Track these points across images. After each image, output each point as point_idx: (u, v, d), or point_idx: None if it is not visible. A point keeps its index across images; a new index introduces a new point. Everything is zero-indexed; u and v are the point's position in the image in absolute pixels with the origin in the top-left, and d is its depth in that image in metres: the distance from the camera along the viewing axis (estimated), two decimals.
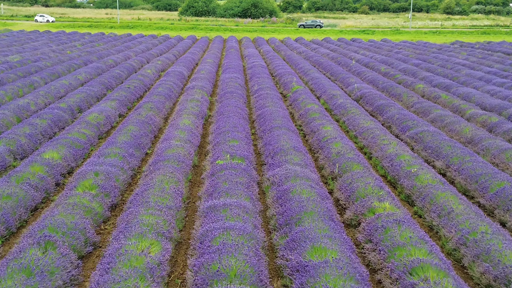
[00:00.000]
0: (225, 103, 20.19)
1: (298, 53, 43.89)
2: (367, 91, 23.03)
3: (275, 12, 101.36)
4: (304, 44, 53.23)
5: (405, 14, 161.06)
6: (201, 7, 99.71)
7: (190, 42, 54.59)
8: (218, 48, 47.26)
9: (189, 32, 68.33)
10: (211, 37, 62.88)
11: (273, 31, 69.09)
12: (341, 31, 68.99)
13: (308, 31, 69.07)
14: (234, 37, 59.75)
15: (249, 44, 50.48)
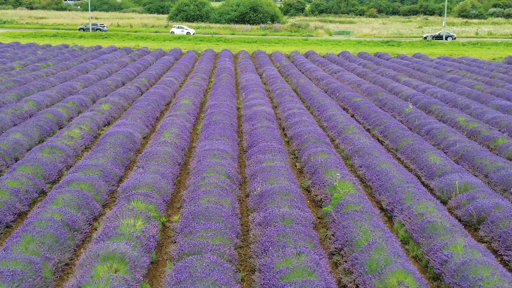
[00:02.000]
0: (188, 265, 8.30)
1: (316, 81, 31.77)
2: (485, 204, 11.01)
3: (277, 17, 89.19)
4: (318, 62, 41.11)
5: (417, 17, 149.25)
6: (193, 11, 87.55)
7: (172, 59, 42.45)
8: (206, 71, 35.23)
9: (175, 43, 56.17)
10: (201, 50, 50.77)
11: (276, 41, 56.95)
12: (359, 42, 56.85)
13: (319, 42, 56.87)
14: (229, 51, 47.65)
15: (247, 63, 38.39)
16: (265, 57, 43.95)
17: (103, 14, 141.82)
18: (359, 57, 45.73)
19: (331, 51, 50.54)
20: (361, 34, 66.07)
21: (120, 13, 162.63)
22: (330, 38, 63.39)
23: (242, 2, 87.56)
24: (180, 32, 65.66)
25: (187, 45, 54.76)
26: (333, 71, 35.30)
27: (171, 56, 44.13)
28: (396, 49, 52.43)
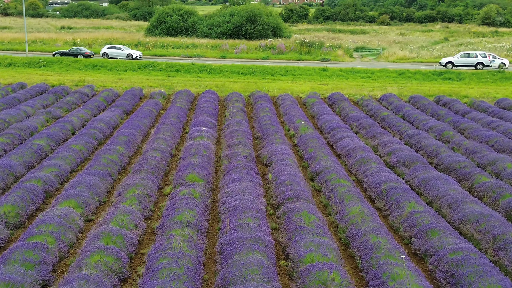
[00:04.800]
0: None
1: (397, 224, 15.26)
2: None
3: (280, 29, 72.66)
4: (357, 122, 24.63)
5: (435, 25, 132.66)
6: (176, 22, 70.88)
7: (118, 115, 26.10)
8: (164, 155, 18.80)
9: (140, 75, 39.68)
10: (173, 89, 34.50)
11: (283, 72, 40.38)
12: (400, 72, 40.34)
13: (343, 73, 40.29)
14: (213, 95, 31.31)
15: (239, 132, 22.09)
16: (268, 108, 27.45)
17: (79, 22, 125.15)
18: (415, 108, 29.36)
19: (365, 91, 34.06)
20: (395, 58, 49.56)
21: (102, 20, 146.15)
22: (354, 64, 46.93)
23: (236, 11, 71.08)
24: (116, 52, 49.14)
25: (156, 79, 38.21)
26: (409, 159, 18.71)
27: (120, 109, 27.56)
28: (459, 86, 35.91)
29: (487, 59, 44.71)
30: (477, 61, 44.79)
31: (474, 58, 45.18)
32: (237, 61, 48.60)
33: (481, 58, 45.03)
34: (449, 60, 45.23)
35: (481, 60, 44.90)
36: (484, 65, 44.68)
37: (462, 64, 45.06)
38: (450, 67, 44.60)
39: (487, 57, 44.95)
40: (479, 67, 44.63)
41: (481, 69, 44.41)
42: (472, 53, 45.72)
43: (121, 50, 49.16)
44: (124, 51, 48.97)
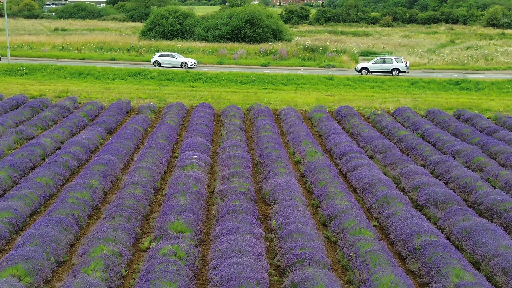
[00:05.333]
0: None
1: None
2: None
3: (281, 32, 69.46)
4: (372, 144, 21.51)
5: (440, 26, 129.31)
6: (171, 25, 67.62)
7: (100, 134, 23.01)
8: (146, 191, 15.52)
9: (129, 84, 36.52)
10: (164, 101, 31.33)
11: (285, 81, 37.17)
12: (413, 81, 37.08)
13: (350, 82, 37.07)
14: (208, 109, 28.17)
15: (235, 160, 18.96)
16: (269, 126, 24.27)
17: (74, 24, 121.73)
18: (435, 125, 26.22)
19: (376, 103, 30.88)
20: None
21: (98, 21, 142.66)
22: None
23: (235, 13, 67.86)
24: (168, 61, 45.18)
25: (146, 89, 34.99)
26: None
27: (102, 126, 24.36)
28: (478, 97, 32.67)
29: (403, 65, 42.19)
30: (393, 67, 42.33)
31: (389, 64, 42.65)
32: (236, 68, 45.37)
33: (396, 64, 42.44)
34: (363, 66, 42.82)
35: (396, 66, 42.35)
36: (400, 71, 42.20)
37: (377, 70, 42.58)
38: (365, 73, 42.21)
39: (403, 62, 42.38)
40: (395, 73, 42.16)
41: (397, 75, 41.90)
42: (388, 59, 43.15)
43: (174, 58, 45.25)
44: (177, 59, 45.11)
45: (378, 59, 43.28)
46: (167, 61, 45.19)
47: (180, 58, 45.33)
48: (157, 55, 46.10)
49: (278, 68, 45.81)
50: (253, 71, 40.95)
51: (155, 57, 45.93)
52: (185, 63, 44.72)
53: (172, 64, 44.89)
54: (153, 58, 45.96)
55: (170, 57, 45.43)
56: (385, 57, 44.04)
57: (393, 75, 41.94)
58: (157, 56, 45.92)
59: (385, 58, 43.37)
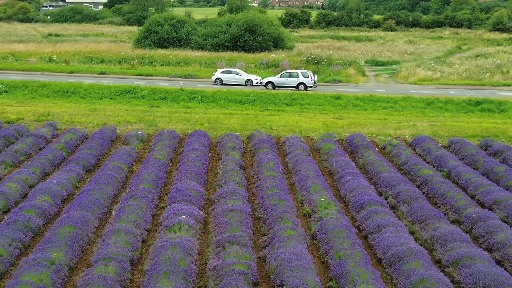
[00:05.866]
0: None
1: None
2: None
3: (282, 39, 66.33)
4: (401, 198, 18.31)
5: (444, 30, 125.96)
6: (167, 32, 64.41)
7: (72, 178, 19.89)
8: (120, 269, 12.19)
9: (117, 104, 33.37)
10: (155, 126, 28.27)
11: (288, 101, 34.13)
12: (428, 101, 33.90)
13: (359, 102, 33.91)
14: (203, 137, 25.14)
15: (236, 210, 15.94)
16: (273, 163, 21.13)
17: (69, 28, 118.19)
18: (460, 159, 23.07)
19: (390, 128, 27.73)
20: (417, 78, 42.99)
21: (94, 25, 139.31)
22: (370, 87, 40.68)
23: (234, 20, 64.68)
24: (231, 78, 41.86)
25: (136, 110, 31.80)
26: None
27: (81, 164, 21.19)
28: (503, 121, 29.46)
29: (309, 79, 39.47)
30: (299, 82, 39.67)
31: (295, 78, 39.96)
32: (234, 87, 42.20)
33: (303, 78, 39.72)
34: (269, 80, 40.37)
35: (303, 80, 39.66)
36: (306, 86, 39.52)
37: (283, 84, 40.07)
38: (271, 88, 39.72)
39: (309, 77, 39.57)
40: (301, 88, 39.51)
41: (303, 90, 39.21)
42: (294, 73, 40.38)
43: (238, 75, 41.77)
44: (242, 76, 41.72)
45: (285, 73, 40.64)
46: (230, 79, 41.56)
47: (244, 75, 41.71)
48: (218, 72, 42.24)
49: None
50: (253, 89, 37.73)
51: (217, 74, 42.03)
52: (250, 80, 41.23)
53: (236, 82, 41.32)
54: (215, 75, 42.07)
55: (233, 74, 41.77)
56: (291, 71, 41.09)
57: (299, 89, 39.34)
58: (219, 73, 42.04)
59: (291, 72, 40.57)
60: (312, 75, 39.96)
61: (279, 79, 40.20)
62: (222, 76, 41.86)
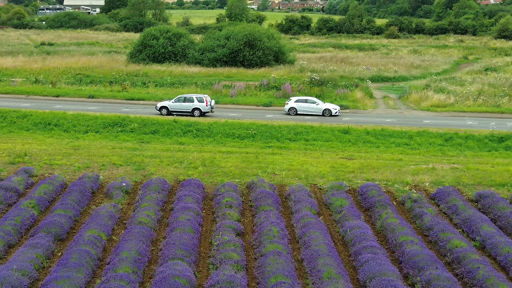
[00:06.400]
0: None
1: None
2: None
3: (283, 53, 63.31)
4: None
5: (448, 37, 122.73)
6: (163, 46, 61.32)
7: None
8: None
9: (101, 140, 30.27)
10: (143, 170, 25.37)
11: (292, 136, 30.95)
12: (446, 136, 30.71)
13: (370, 137, 30.74)
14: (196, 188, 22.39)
15: None
16: (276, 229, 18.27)
17: (64, 35, 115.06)
18: (493, 221, 20.00)
19: (407, 173, 24.68)
20: (430, 104, 39.80)
21: (90, 31, 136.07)
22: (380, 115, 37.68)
23: (233, 33, 61.57)
24: (307, 108, 37.96)
25: (123, 148, 28.75)
26: None
27: (52, 232, 18.16)
28: None
29: (205, 105, 36.63)
30: (194, 107, 36.77)
31: (190, 102, 37.04)
32: (233, 110, 39.20)
33: (197, 103, 36.77)
34: (163, 105, 37.13)
35: (198, 105, 36.74)
36: (201, 112, 36.69)
37: (177, 109, 36.97)
38: (165, 113, 36.68)
39: (204, 102, 36.66)
40: (196, 114, 36.61)
41: (198, 115, 36.42)
42: (188, 97, 37.39)
43: (314, 105, 37.85)
44: (319, 106, 37.78)
45: (180, 97, 37.56)
46: (305, 108, 37.84)
47: (321, 105, 37.90)
48: (292, 100, 38.37)
49: (282, 109, 39.50)
50: (253, 119, 34.62)
51: (290, 103, 38.18)
52: (328, 110, 37.46)
53: (312, 112, 37.73)
54: (288, 104, 38.28)
55: (309, 104, 38.01)
56: (185, 95, 37.99)
57: (194, 115, 36.52)
58: (293, 102, 38.22)
59: (185, 96, 37.51)
60: (208, 99, 37.00)
61: (173, 104, 37.06)
62: (296, 105, 37.97)
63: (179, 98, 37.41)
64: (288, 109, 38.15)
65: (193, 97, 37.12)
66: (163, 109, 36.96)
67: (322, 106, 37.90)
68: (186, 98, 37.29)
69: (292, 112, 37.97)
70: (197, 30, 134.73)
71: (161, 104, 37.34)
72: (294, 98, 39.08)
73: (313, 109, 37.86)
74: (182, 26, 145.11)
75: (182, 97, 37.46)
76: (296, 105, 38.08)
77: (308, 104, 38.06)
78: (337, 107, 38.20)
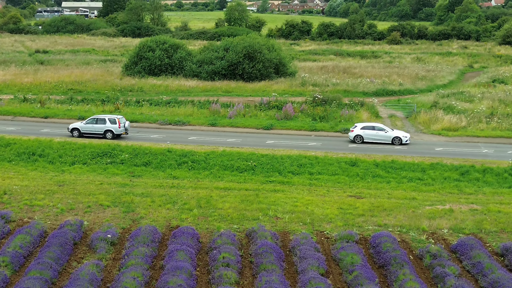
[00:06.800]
0: None
1: None
2: None
3: (283, 65, 60.99)
4: None
5: (451, 43, 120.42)
6: (159, 58, 59.02)
7: None
8: None
9: (88, 175, 28.04)
10: (133, 212, 22.98)
11: (295, 168, 28.69)
12: (463, 172, 28.39)
13: (382, 172, 28.40)
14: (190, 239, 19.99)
15: None
16: None
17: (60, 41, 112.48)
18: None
19: (422, 217, 22.50)
20: (441, 127, 37.43)
21: (87, 36, 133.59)
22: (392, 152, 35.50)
23: (232, 45, 59.28)
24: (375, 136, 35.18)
25: (112, 183, 26.49)
26: None
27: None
28: None
29: (117, 126, 34.61)
30: (106, 129, 34.85)
31: (102, 124, 35.01)
32: (231, 134, 36.96)
33: (110, 124, 34.74)
34: (75, 127, 35.32)
35: (110, 127, 34.70)
36: (114, 134, 34.59)
37: (90, 131, 35.19)
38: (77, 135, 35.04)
39: (117, 123, 34.64)
40: (108, 136, 34.67)
41: (111, 138, 34.41)
42: (100, 119, 35.28)
43: (383, 132, 35.02)
44: (388, 133, 34.92)
45: (92, 118, 35.61)
46: (373, 136, 35.14)
47: (390, 132, 35.07)
48: (358, 127, 35.47)
49: (283, 133, 37.23)
50: (253, 149, 32.27)
51: (356, 130, 35.25)
52: (398, 138, 34.74)
53: (381, 140, 35.07)
54: (353, 131, 35.34)
55: (377, 131, 35.24)
56: (97, 116, 35.82)
57: (107, 138, 34.61)
58: (359, 129, 35.30)
59: (98, 117, 35.41)
60: (122, 121, 34.97)
61: (85, 125, 35.09)
62: (363, 133, 35.23)
63: (92, 120, 35.36)
64: (353, 137, 35.23)
65: (106, 119, 35.05)
66: (75, 131, 35.04)
67: (392, 133, 34.93)
68: (98, 119, 35.23)
69: (358, 140, 35.12)
70: (195, 35, 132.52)
71: (73, 125, 35.32)
72: (360, 124, 36.03)
73: (381, 137, 35.03)
74: (180, 31, 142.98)
75: (94, 119, 35.42)
76: (363, 133, 35.15)
77: (375, 132, 35.16)
78: (407, 135, 35.21)
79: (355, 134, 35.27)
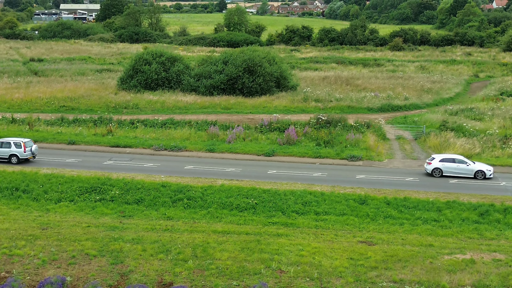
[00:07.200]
0: None
1: None
2: None
3: (285, 78, 58.80)
4: None
5: (455, 49, 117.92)
6: (156, 72, 56.82)
7: None
8: None
9: (75, 214, 25.95)
10: (124, 270, 20.59)
11: (299, 207, 26.47)
12: (482, 213, 26.18)
13: (395, 212, 26.19)
14: None
15: None
16: None
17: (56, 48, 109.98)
18: None
19: (441, 270, 20.40)
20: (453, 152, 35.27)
21: (84, 41, 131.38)
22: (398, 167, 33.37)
23: (231, 57, 57.11)
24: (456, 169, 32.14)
25: (100, 225, 24.38)
26: None
27: None
28: None
29: (22, 150, 33.13)
30: (11, 153, 33.47)
31: (7, 148, 33.54)
32: (230, 161, 34.75)
33: (15, 148, 33.26)
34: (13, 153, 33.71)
35: (15, 151, 33.26)
36: (19, 158, 33.24)
37: None
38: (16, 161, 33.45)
39: (22, 147, 33.09)
40: (13, 160, 33.34)
41: (16, 162, 33.20)
42: (6, 142, 33.79)
43: (464, 165, 31.93)
44: (470, 166, 31.87)
45: None
46: (453, 170, 32.11)
47: (472, 165, 32.06)
48: (436, 160, 32.29)
49: (286, 161, 35.00)
50: (253, 183, 29.98)
51: (435, 162, 32.14)
52: (481, 172, 31.68)
53: (462, 174, 31.99)
54: (431, 164, 32.24)
55: (458, 163, 32.14)
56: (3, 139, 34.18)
57: (12, 162, 33.23)
58: (437, 161, 32.20)
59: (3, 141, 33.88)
60: (28, 144, 33.46)
61: None
62: (442, 166, 32.22)
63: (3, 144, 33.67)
64: (431, 170, 32.25)
65: (11, 142, 33.38)
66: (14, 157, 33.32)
67: (474, 167, 31.97)
68: (3, 143, 33.60)
69: (436, 174, 32.19)
70: (194, 41, 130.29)
71: None
72: (439, 156, 32.79)
73: (462, 170, 32.05)
74: (179, 36, 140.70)
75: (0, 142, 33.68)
76: (442, 166, 32.19)
77: (456, 165, 32.15)
78: (491, 168, 32.15)
79: (434, 167, 32.21)
